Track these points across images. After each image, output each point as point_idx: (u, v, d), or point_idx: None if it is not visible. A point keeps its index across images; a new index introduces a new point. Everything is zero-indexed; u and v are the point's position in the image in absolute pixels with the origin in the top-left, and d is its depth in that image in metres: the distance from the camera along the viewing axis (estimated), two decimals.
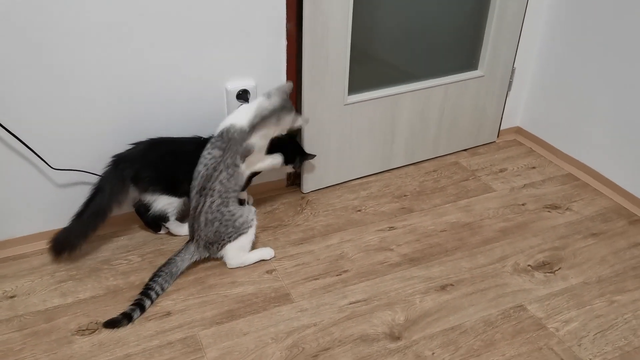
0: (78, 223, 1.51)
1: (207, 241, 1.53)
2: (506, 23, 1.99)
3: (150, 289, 1.46)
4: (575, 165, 2.07)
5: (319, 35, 1.66)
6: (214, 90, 1.67)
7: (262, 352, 1.34)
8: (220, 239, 1.53)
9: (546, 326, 1.43)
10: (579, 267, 1.63)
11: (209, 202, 1.48)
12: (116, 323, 1.39)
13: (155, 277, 1.49)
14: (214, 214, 1.49)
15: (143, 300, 1.44)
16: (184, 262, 1.53)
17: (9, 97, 1.43)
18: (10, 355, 1.32)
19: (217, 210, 1.49)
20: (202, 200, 1.48)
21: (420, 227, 1.77)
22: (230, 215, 1.51)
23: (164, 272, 1.50)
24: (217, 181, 1.47)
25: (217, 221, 1.50)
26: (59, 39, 1.41)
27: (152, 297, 1.46)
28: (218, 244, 1.54)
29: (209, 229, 1.50)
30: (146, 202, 1.59)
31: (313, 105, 1.76)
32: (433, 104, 2.00)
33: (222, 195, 1.49)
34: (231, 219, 1.52)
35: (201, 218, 1.50)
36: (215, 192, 1.48)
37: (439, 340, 1.38)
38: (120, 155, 1.54)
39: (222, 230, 1.51)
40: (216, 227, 1.50)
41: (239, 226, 1.53)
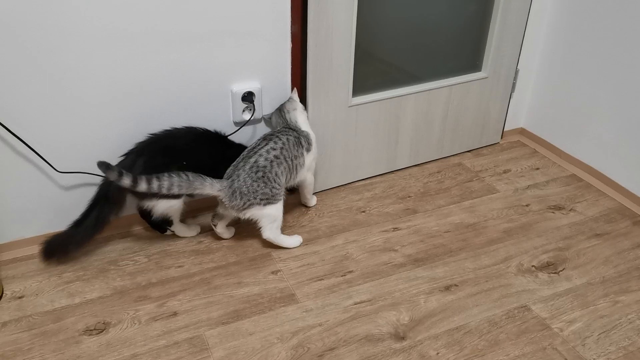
0: (75, 231, 1.52)
1: (239, 188, 1.50)
2: (509, 24, 2.00)
3: (158, 178, 1.41)
4: (579, 166, 2.08)
5: (324, 37, 1.67)
6: (219, 92, 1.68)
7: (267, 352, 1.35)
8: (252, 195, 1.51)
9: (550, 326, 1.44)
10: (583, 268, 1.63)
11: (270, 147, 1.55)
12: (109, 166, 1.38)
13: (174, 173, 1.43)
14: (266, 161, 1.53)
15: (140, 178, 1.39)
16: (212, 187, 1.49)
17: (14, 101, 1.45)
18: (19, 354, 1.33)
19: (271, 160, 1.53)
20: (264, 143, 1.56)
21: (425, 228, 1.78)
22: (274, 176, 1.54)
23: (186, 176, 1.44)
24: (285, 136, 1.59)
25: (262, 172, 1.52)
26: (64, 42, 1.43)
27: (152, 183, 1.40)
28: (247, 199, 1.51)
29: (249, 175, 1.51)
30: (147, 208, 1.58)
31: (317, 107, 1.77)
32: (437, 105, 2.01)
33: (283, 151, 1.56)
34: (272, 182, 1.54)
35: (252, 159, 1.53)
36: (280, 141, 1.56)
37: (444, 340, 1.39)
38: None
39: (257, 188, 1.51)
40: (259, 177, 1.51)
41: (271, 194, 1.54)
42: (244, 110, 1.73)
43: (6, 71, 1.41)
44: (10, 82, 1.42)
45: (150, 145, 1.55)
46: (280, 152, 1.57)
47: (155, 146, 1.55)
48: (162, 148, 1.55)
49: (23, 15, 1.36)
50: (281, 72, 1.73)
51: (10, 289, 1.52)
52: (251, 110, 1.73)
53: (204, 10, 1.54)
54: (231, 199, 1.52)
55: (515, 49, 2.07)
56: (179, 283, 1.55)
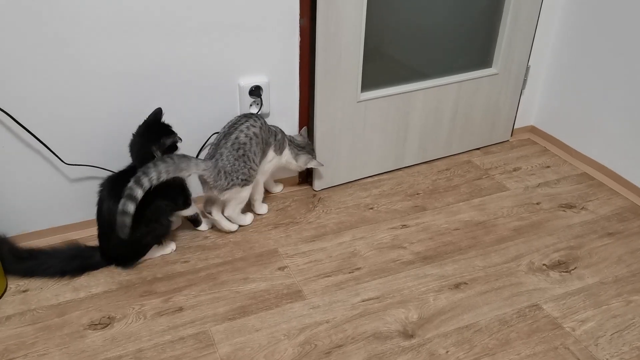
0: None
1: (223, 167, 1.51)
2: (521, 21, 1.97)
3: (145, 174, 1.36)
4: (590, 164, 2.05)
5: (333, 31, 1.65)
6: (227, 86, 1.66)
7: (274, 349, 1.33)
8: (234, 174, 1.53)
9: (562, 325, 1.41)
10: (595, 267, 1.60)
11: (250, 123, 1.56)
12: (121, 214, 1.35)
13: (159, 160, 1.39)
14: (247, 137, 1.54)
15: (133, 189, 1.35)
16: (197, 166, 1.48)
17: (23, 93, 1.44)
18: (23, 348, 1.32)
19: (250, 137, 1.54)
20: (244, 120, 1.56)
21: (434, 226, 1.76)
22: (253, 155, 1.56)
23: (172, 160, 1.40)
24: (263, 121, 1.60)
25: (242, 150, 1.53)
26: (73, 34, 1.42)
27: (143, 183, 1.36)
28: (230, 179, 1.53)
29: (232, 152, 1.52)
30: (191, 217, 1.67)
31: (326, 102, 1.75)
32: (446, 101, 1.98)
33: (260, 131, 1.57)
34: (250, 161, 1.56)
35: (232, 135, 1.53)
36: (258, 120, 1.57)
37: (453, 338, 1.37)
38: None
39: (238, 167, 1.53)
40: (240, 155, 1.53)
41: (248, 175, 1.57)
42: (251, 104, 1.71)
43: (15, 63, 1.39)
44: (18, 74, 1.41)
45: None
46: (260, 131, 1.58)
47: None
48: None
49: (32, 6, 1.35)
50: (289, 66, 1.71)
51: (15, 283, 1.50)
52: (258, 104, 1.72)
53: (213, 3, 1.52)
54: (216, 179, 1.52)
55: (527, 45, 2.05)
56: (184, 278, 1.53)
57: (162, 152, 1.48)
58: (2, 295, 1.46)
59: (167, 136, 1.49)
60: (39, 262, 1.51)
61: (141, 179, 1.36)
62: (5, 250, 1.49)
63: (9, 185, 1.54)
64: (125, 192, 1.36)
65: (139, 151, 1.49)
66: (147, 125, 1.50)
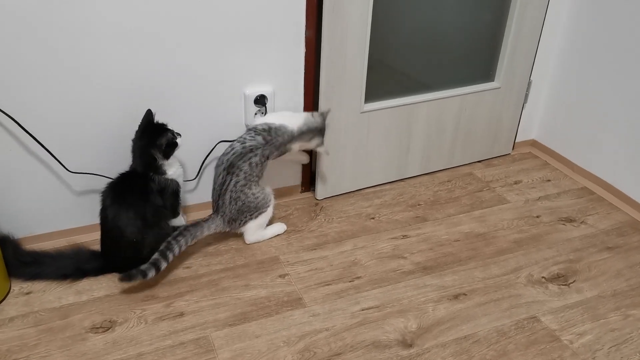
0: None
1: (231, 217, 1.62)
2: (524, 35, 2.00)
3: (169, 250, 1.50)
4: (590, 179, 2.06)
5: (338, 43, 1.67)
6: (232, 94, 1.69)
7: (274, 355, 1.34)
8: (243, 216, 1.63)
9: (560, 338, 1.42)
10: (594, 280, 1.61)
11: (234, 181, 1.57)
12: (131, 276, 1.43)
13: (178, 235, 1.53)
14: (237, 193, 1.58)
15: (159, 261, 1.48)
16: (209, 230, 1.61)
17: (29, 101, 1.46)
18: (25, 350, 1.33)
19: (241, 190, 1.58)
20: (229, 178, 1.57)
21: (434, 237, 1.77)
22: (253, 197, 1.61)
23: (189, 232, 1.55)
24: (247, 162, 1.56)
25: (240, 201, 1.59)
26: (79, 42, 1.44)
27: (168, 258, 1.50)
28: (240, 221, 1.64)
29: (232, 207, 1.59)
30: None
31: (330, 112, 1.77)
32: (449, 114, 2.01)
33: (247, 177, 1.58)
34: (253, 202, 1.62)
35: (226, 196, 1.58)
36: (242, 172, 1.57)
37: (452, 348, 1.38)
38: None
39: (244, 210, 1.62)
40: (239, 206, 1.59)
41: (259, 207, 1.64)
42: (256, 113, 1.73)
43: (20, 71, 1.42)
44: (24, 81, 1.43)
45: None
46: (245, 179, 1.58)
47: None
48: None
49: (37, 15, 1.37)
50: (294, 76, 1.74)
51: (18, 285, 1.52)
52: (263, 113, 1.74)
53: (219, 13, 1.55)
54: (231, 227, 1.65)
55: (529, 59, 2.07)
56: (186, 284, 1.54)
57: (163, 153, 1.50)
58: (5, 297, 1.47)
59: (161, 136, 1.49)
60: (41, 265, 1.52)
61: (167, 253, 1.50)
62: (9, 252, 1.50)
63: (15, 189, 1.56)
64: (152, 259, 1.47)
65: (140, 158, 1.51)
66: (141, 131, 1.51)
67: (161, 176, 1.53)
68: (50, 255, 1.55)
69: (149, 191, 1.50)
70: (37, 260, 1.53)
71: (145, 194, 1.50)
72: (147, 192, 1.50)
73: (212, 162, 1.77)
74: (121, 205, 1.46)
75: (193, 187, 1.80)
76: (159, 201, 1.52)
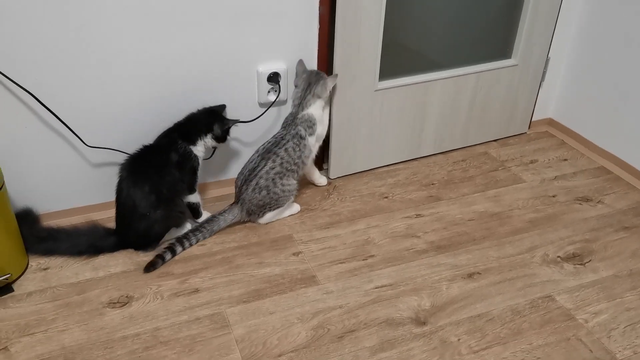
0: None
1: (250, 208, 1.62)
2: (542, 11, 1.95)
3: (186, 239, 1.58)
4: (608, 158, 2.03)
5: (352, 19, 1.65)
6: (246, 72, 1.68)
7: (287, 331, 1.35)
8: (263, 208, 1.63)
9: (575, 317, 1.41)
10: (610, 260, 1.60)
11: (269, 167, 1.58)
12: (154, 264, 1.51)
13: (196, 231, 1.59)
14: (267, 180, 1.58)
15: (175, 246, 1.55)
16: (225, 222, 1.63)
17: (47, 76, 1.47)
18: (44, 324, 1.35)
19: (272, 179, 1.58)
20: (263, 163, 1.58)
21: (448, 216, 1.76)
22: (280, 190, 1.61)
23: (205, 228, 1.60)
24: (283, 148, 1.58)
25: (266, 190, 1.58)
26: (96, 17, 1.44)
27: (185, 245, 1.57)
28: (259, 213, 1.64)
29: (254, 195, 1.59)
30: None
31: (343, 90, 1.76)
32: (464, 92, 1.98)
33: (284, 164, 1.59)
34: (279, 194, 1.61)
35: (252, 182, 1.58)
36: (278, 157, 1.58)
37: (465, 326, 1.38)
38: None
39: (266, 201, 1.61)
40: (263, 195, 1.59)
41: (281, 202, 1.65)
42: (269, 91, 1.72)
43: (40, 47, 1.42)
44: (43, 58, 1.44)
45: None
46: (281, 166, 1.60)
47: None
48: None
49: None
50: (308, 53, 1.72)
51: (36, 261, 1.54)
52: (276, 91, 1.73)
53: None
54: (250, 217, 1.66)
55: (547, 36, 2.03)
56: (201, 261, 1.56)
57: (222, 131, 1.59)
58: (23, 272, 1.50)
59: (228, 121, 1.62)
60: (57, 240, 1.54)
61: (183, 241, 1.57)
62: (26, 228, 1.52)
63: (32, 166, 1.57)
64: (169, 243, 1.56)
65: (199, 122, 1.57)
66: (212, 108, 1.61)
67: (188, 146, 1.55)
68: (65, 232, 1.56)
69: (169, 165, 1.51)
70: (53, 236, 1.55)
71: (163, 168, 1.51)
72: (166, 166, 1.51)
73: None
74: (137, 178, 1.48)
75: (206, 166, 1.80)
76: (177, 175, 1.53)
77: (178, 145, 1.54)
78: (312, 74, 1.65)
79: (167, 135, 1.57)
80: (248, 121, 1.73)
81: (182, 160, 1.54)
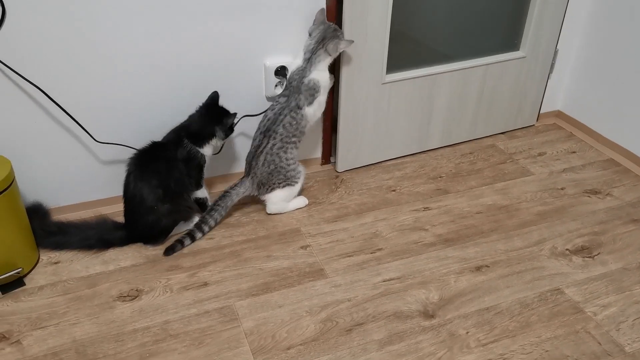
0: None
1: (261, 181, 1.64)
2: (550, 3, 1.94)
3: (205, 223, 1.61)
4: (617, 150, 2.02)
5: (359, 11, 1.64)
6: (253, 65, 1.68)
7: (296, 325, 1.36)
8: (271, 182, 1.65)
9: (584, 310, 1.41)
10: (619, 253, 1.59)
11: (271, 144, 1.60)
12: (174, 248, 1.56)
13: (211, 210, 1.62)
14: (272, 156, 1.61)
15: (195, 232, 1.59)
16: (238, 195, 1.65)
17: (56, 72, 1.47)
18: (55, 317, 1.37)
19: (276, 153, 1.60)
20: (266, 141, 1.60)
21: (456, 209, 1.76)
22: (285, 163, 1.63)
23: (220, 206, 1.62)
24: (280, 125, 1.58)
25: (273, 164, 1.61)
26: (103, 11, 1.44)
27: (204, 230, 1.61)
28: (268, 187, 1.66)
29: (264, 169, 1.62)
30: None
31: (350, 83, 1.75)
32: (472, 85, 1.97)
33: (284, 140, 1.60)
34: (285, 168, 1.64)
35: (261, 157, 1.62)
36: (277, 134, 1.59)
37: (474, 319, 1.38)
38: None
39: (274, 175, 1.64)
40: (271, 169, 1.62)
41: (289, 177, 1.66)
42: (276, 85, 1.72)
43: (49, 42, 1.42)
44: (52, 53, 1.44)
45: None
46: (282, 142, 1.61)
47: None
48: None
49: None
50: None
51: (47, 255, 1.55)
52: (283, 84, 1.72)
53: None
54: (259, 191, 1.67)
55: (556, 28, 2.01)
56: (209, 254, 1.56)
57: (224, 132, 1.59)
58: (34, 266, 1.51)
59: (228, 117, 1.58)
60: (66, 234, 1.55)
61: (202, 226, 1.61)
62: (36, 222, 1.53)
63: (42, 161, 1.58)
64: (188, 230, 1.60)
65: (201, 128, 1.56)
66: (209, 107, 1.59)
67: (194, 147, 1.55)
68: (75, 225, 1.57)
69: (175, 160, 1.52)
70: (63, 230, 1.56)
71: (170, 164, 1.51)
72: (173, 161, 1.52)
73: (236, 136, 1.78)
74: (145, 172, 1.48)
75: (213, 161, 1.80)
76: (183, 170, 1.53)
77: (184, 144, 1.55)
78: (329, 28, 1.59)
79: (174, 132, 1.57)
80: (255, 115, 1.74)
81: (188, 158, 1.55)
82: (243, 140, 1.80)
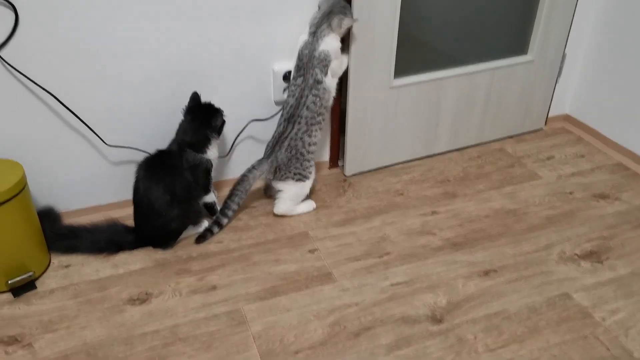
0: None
1: (279, 166, 1.65)
2: (558, 7, 1.94)
3: (228, 209, 1.65)
4: (626, 154, 2.01)
5: (367, 16, 1.65)
6: (261, 70, 1.69)
7: (304, 328, 1.36)
8: (288, 169, 1.65)
9: (592, 315, 1.41)
10: (628, 258, 1.59)
11: (296, 129, 1.61)
12: (205, 236, 1.63)
13: (232, 195, 1.64)
14: (296, 141, 1.61)
15: (220, 218, 1.65)
16: (255, 178, 1.65)
17: (67, 75, 1.49)
18: (66, 320, 1.38)
19: (300, 138, 1.62)
20: (290, 127, 1.61)
21: (464, 213, 1.76)
22: (307, 149, 1.64)
23: (239, 190, 1.64)
24: (304, 107, 1.59)
25: (295, 149, 1.62)
26: (116, 16, 1.46)
27: (228, 215, 1.66)
28: (284, 173, 1.66)
29: (286, 154, 1.63)
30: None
31: (359, 88, 1.76)
32: (479, 89, 1.97)
33: (309, 122, 1.61)
34: (304, 155, 1.65)
35: (285, 143, 1.62)
36: (302, 118, 1.60)
37: (482, 324, 1.38)
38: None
39: (292, 163, 1.64)
40: (292, 154, 1.63)
41: (305, 167, 1.67)
42: (284, 89, 1.73)
43: (59, 47, 1.44)
44: (62, 57, 1.46)
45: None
46: (307, 125, 1.61)
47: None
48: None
49: None
50: None
51: (58, 258, 1.57)
52: None
53: None
54: (274, 175, 1.67)
55: (564, 32, 2.01)
56: (218, 258, 1.57)
57: (217, 132, 1.59)
58: (45, 269, 1.53)
59: (214, 117, 1.58)
60: (77, 238, 1.57)
61: (226, 211, 1.65)
62: (47, 226, 1.55)
63: (54, 165, 1.60)
64: (214, 219, 1.65)
65: (194, 137, 1.55)
66: (193, 112, 1.56)
67: (197, 154, 1.56)
68: (86, 229, 1.59)
69: (181, 168, 1.53)
70: (74, 233, 1.58)
71: (177, 170, 1.53)
72: (180, 168, 1.53)
73: (243, 140, 1.79)
74: (152, 178, 1.50)
75: (224, 164, 1.82)
76: (190, 177, 1.55)
77: (187, 153, 1.55)
78: (337, 3, 1.57)
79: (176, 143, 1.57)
80: (264, 119, 1.75)
81: (194, 165, 1.56)
82: (252, 144, 1.81)
